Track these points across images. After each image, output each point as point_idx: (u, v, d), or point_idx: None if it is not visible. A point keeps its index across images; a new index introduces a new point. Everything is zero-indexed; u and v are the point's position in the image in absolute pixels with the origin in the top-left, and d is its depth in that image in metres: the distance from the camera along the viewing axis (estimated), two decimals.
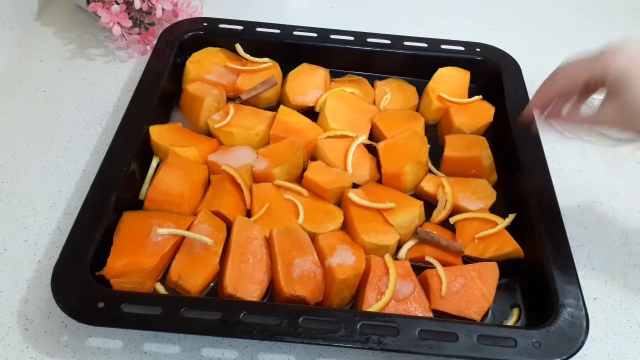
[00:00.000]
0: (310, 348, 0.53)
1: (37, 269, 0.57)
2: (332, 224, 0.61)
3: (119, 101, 0.75)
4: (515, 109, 0.71)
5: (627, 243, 0.65)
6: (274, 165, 0.64)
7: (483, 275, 0.57)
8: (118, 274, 0.52)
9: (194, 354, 0.52)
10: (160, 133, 0.65)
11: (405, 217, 0.61)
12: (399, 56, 0.77)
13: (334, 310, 0.50)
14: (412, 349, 0.48)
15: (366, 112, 0.73)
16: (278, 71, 0.77)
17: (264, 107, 0.73)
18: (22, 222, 0.61)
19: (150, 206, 0.60)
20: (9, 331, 0.52)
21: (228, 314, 0.48)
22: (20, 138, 0.69)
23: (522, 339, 0.49)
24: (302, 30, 0.78)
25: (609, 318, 0.58)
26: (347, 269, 0.54)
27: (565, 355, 0.48)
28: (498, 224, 0.61)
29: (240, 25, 0.78)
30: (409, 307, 0.54)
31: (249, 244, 0.56)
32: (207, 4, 0.90)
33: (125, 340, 0.52)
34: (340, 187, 0.63)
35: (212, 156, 0.65)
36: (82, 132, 0.70)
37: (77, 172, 0.66)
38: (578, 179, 0.72)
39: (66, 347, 0.51)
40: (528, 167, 0.64)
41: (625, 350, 0.56)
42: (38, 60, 0.79)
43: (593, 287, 0.61)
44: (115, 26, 0.75)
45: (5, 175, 0.65)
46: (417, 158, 0.65)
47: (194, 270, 0.54)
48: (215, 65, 0.75)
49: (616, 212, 0.69)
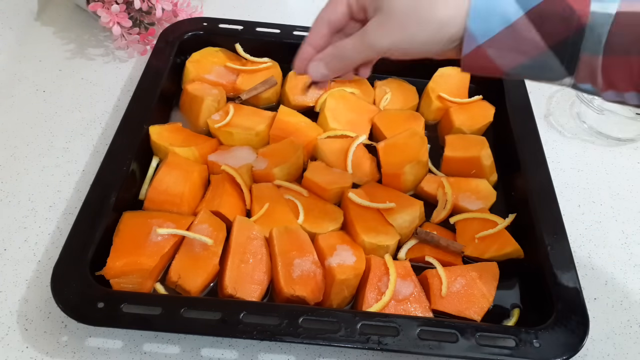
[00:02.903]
0: (310, 348, 0.53)
1: (36, 269, 0.57)
2: (332, 224, 0.61)
3: (119, 101, 0.75)
4: (516, 109, 0.71)
5: (628, 243, 0.65)
6: (274, 165, 0.63)
7: (483, 276, 0.57)
8: (118, 274, 0.52)
9: (193, 354, 0.52)
10: (160, 133, 0.65)
11: (405, 217, 0.61)
12: None
13: (334, 311, 0.50)
14: (412, 349, 0.48)
15: (366, 112, 0.73)
16: (278, 71, 0.77)
17: (264, 107, 0.73)
18: (21, 222, 0.61)
19: (150, 206, 0.60)
20: (9, 331, 0.52)
21: (228, 314, 0.48)
22: (20, 138, 0.69)
23: (522, 340, 0.49)
24: (302, 30, 0.78)
25: (609, 318, 0.58)
26: (347, 269, 0.54)
27: (565, 355, 0.48)
28: (498, 224, 0.61)
29: (240, 25, 0.78)
30: (409, 307, 0.54)
31: (248, 244, 0.56)
32: (207, 3, 0.90)
33: (125, 341, 0.52)
34: (340, 187, 0.63)
35: (212, 156, 0.65)
36: (82, 132, 0.70)
37: (76, 172, 0.66)
38: (578, 179, 0.72)
39: (66, 347, 0.51)
40: (528, 167, 0.64)
41: (626, 351, 0.56)
42: (38, 60, 0.79)
43: (593, 287, 0.61)
44: (115, 26, 0.75)
45: (5, 175, 0.65)
46: (417, 158, 0.65)
47: (193, 270, 0.54)
48: (215, 65, 0.75)
49: (616, 212, 0.69)
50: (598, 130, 0.77)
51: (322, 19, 0.46)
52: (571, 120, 0.79)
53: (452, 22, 0.40)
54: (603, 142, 0.77)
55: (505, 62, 0.41)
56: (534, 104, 0.72)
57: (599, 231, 0.66)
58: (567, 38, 0.38)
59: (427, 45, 0.41)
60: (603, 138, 0.77)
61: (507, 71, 0.42)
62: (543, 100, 0.81)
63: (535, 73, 0.42)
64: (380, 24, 0.42)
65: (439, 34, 0.40)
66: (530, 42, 0.39)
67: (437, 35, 0.41)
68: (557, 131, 0.78)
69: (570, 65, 0.40)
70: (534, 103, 0.72)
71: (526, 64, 0.40)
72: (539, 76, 0.42)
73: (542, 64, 0.40)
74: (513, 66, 0.41)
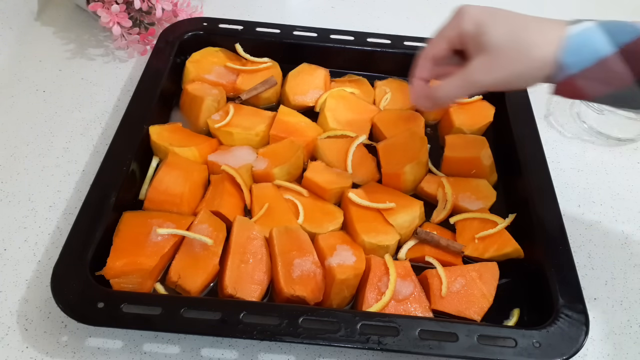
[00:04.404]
0: (310, 348, 0.53)
1: (36, 269, 0.57)
2: (332, 224, 0.61)
3: (119, 101, 0.75)
4: (516, 109, 0.71)
5: (627, 243, 0.65)
6: (274, 165, 0.64)
7: (483, 276, 0.57)
8: (118, 274, 0.52)
9: (193, 354, 0.52)
10: (160, 133, 0.65)
11: (405, 217, 0.61)
12: (399, 56, 0.77)
13: (334, 311, 0.50)
14: (412, 349, 0.48)
15: (366, 112, 0.73)
16: (278, 71, 0.77)
17: (264, 107, 0.73)
18: (21, 222, 0.61)
19: (150, 206, 0.60)
20: (9, 331, 0.52)
21: (228, 314, 0.48)
22: (20, 138, 0.69)
23: (522, 339, 0.49)
24: (302, 30, 0.78)
25: (609, 318, 0.58)
26: (347, 269, 0.54)
27: (565, 355, 0.48)
28: (498, 224, 0.61)
29: (240, 25, 0.78)
30: (409, 307, 0.54)
31: (248, 244, 0.56)
32: (207, 3, 0.90)
33: (125, 341, 0.52)
34: (340, 187, 0.63)
35: (212, 156, 0.65)
36: (82, 132, 0.70)
37: (76, 172, 0.66)
38: (578, 178, 0.72)
39: (66, 347, 0.51)
40: (528, 167, 0.64)
41: (626, 351, 0.56)
42: (38, 60, 0.79)
43: (593, 287, 0.61)
44: (115, 26, 0.75)
45: (5, 175, 0.65)
46: (417, 158, 0.65)
47: (193, 270, 0.54)
48: (215, 65, 0.75)
49: (616, 212, 0.69)
50: (598, 131, 0.77)
51: (427, 55, 0.53)
52: (571, 121, 0.79)
53: (550, 59, 0.44)
54: (603, 142, 0.77)
55: (594, 91, 0.45)
56: (534, 104, 0.72)
57: (598, 231, 0.66)
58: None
59: (527, 81, 0.47)
60: (603, 138, 0.77)
61: (594, 98, 0.46)
62: (543, 100, 0.81)
63: (621, 101, 0.46)
64: (484, 63, 0.47)
65: (538, 71, 0.45)
66: (620, 76, 0.43)
67: (536, 72, 0.46)
68: (557, 131, 0.78)
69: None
70: (534, 103, 0.72)
71: (613, 94, 0.45)
72: (624, 104, 0.46)
73: (630, 95, 0.44)
74: (601, 95, 0.45)
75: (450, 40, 0.50)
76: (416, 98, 0.55)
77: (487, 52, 0.47)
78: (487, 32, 0.46)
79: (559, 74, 0.45)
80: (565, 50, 0.44)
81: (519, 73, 0.46)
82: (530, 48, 0.45)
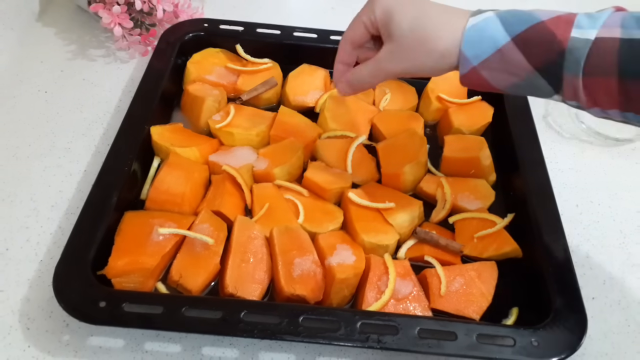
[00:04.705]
0: (310, 347, 0.54)
1: (38, 269, 0.57)
2: (332, 223, 0.61)
3: (120, 102, 0.75)
4: (514, 110, 0.71)
5: (626, 242, 0.66)
6: (274, 166, 0.64)
7: (482, 275, 0.57)
8: (119, 273, 0.53)
9: (195, 353, 0.52)
10: (161, 133, 0.66)
11: (405, 217, 0.61)
12: None
13: (334, 310, 0.51)
14: (411, 347, 0.48)
15: (366, 112, 0.74)
16: (278, 72, 0.77)
17: (264, 108, 0.74)
18: (23, 222, 0.61)
19: (152, 206, 0.60)
20: (11, 330, 0.53)
21: (229, 313, 0.48)
22: (21, 138, 0.69)
23: (521, 338, 0.49)
24: (302, 31, 0.78)
25: (608, 317, 0.59)
26: (347, 268, 0.55)
27: (563, 354, 0.48)
28: (497, 223, 0.62)
29: (241, 26, 0.78)
30: (408, 306, 0.54)
31: (249, 243, 0.57)
32: (207, 5, 0.91)
33: (127, 339, 0.53)
34: (340, 187, 0.63)
35: (212, 156, 0.66)
36: (84, 133, 0.71)
37: (78, 172, 0.66)
38: (576, 178, 0.72)
39: (68, 346, 0.52)
40: (527, 167, 0.64)
41: (624, 350, 0.56)
42: (39, 60, 0.79)
43: (591, 287, 0.61)
44: (116, 27, 0.75)
45: (7, 175, 0.65)
46: (417, 158, 0.66)
47: (195, 269, 0.55)
48: (215, 66, 0.76)
49: (614, 211, 0.69)
50: (596, 131, 0.77)
51: (346, 39, 0.53)
52: (569, 121, 0.79)
53: (452, 50, 0.45)
54: (601, 143, 0.77)
55: (498, 82, 0.46)
56: (533, 105, 0.72)
57: (597, 231, 0.67)
58: (551, 60, 0.42)
59: (433, 70, 0.48)
60: (601, 138, 0.77)
61: (502, 89, 0.46)
62: (541, 100, 0.81)
63: (527, 91, 0.46)
64: (391, 53, 0.48)
65: (442, 62, 0.46)
66: (517, 65, 0.44)
67: (440, 62, 0.47)
68: (556, 131, 0.78)
69: (556, 84, 0.44)
70: (532, 103, 0.72)
71: (517, 83, 0.45)
72: (531, 93, 0.46)
73: (532, 84, 0.45)
74: (506, 85, 0.46)
75: (365, 25, 0.50)
76: (336, 82, 0.56)
77: (393, 41, 0.47)
78: (394, 20, 0.47)
79: (463, 65, 0.45)
80: (465, 41, 0.44)
81: (422, 63, 0.47)
82: (432, 39, 0.45)
